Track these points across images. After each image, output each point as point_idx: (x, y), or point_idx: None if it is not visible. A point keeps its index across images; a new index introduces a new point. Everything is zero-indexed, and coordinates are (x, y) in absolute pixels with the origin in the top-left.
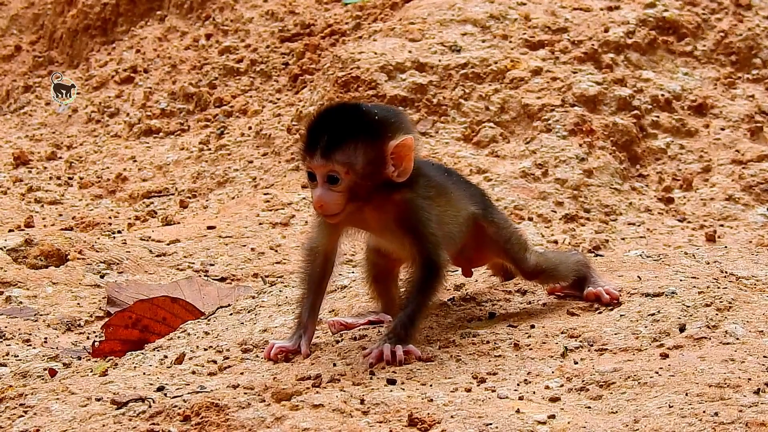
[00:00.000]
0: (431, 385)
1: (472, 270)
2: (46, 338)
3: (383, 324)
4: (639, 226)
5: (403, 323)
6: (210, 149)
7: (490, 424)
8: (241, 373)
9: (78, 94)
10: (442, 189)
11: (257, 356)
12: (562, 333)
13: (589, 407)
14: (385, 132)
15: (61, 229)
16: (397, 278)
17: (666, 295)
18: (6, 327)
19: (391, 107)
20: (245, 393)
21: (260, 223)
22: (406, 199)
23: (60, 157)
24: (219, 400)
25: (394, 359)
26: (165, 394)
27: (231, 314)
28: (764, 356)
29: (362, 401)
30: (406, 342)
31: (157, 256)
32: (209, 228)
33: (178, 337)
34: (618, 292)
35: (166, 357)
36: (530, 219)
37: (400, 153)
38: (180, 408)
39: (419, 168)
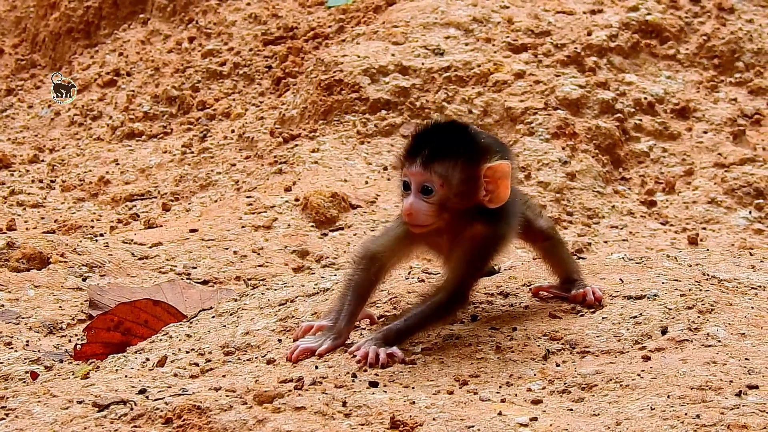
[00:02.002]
0: (413, 388)
1: None
2: (27, 341)
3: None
4: (621, 229)
5: (399, 330)
6: (193, 152)
7: (472, 426)
8: (223, 376)
9: None
10: (516, 224)
11: (239, 359)
12: (544, 335)
13: (571, 410)
14: (485, 154)
15: (43, 232)
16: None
17: (648, 298)
18: None
19: (498, 138)
20: (227, 395)
21: (243, 226)
22: (485, 235)
23: (42, 160)
24: (201, 402)
25: (377, 362)
26: (147, 397)
27: (213, 317)
28: (746, 359)
29: (344, 404)
30: (391, 345)
31: (139, 259)
32: (192, 231)
33: (160, 339)
34: (601, 293)
35: (148, 360)
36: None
37: (494, 177)
38: (162, 411)
39: (508, 204)
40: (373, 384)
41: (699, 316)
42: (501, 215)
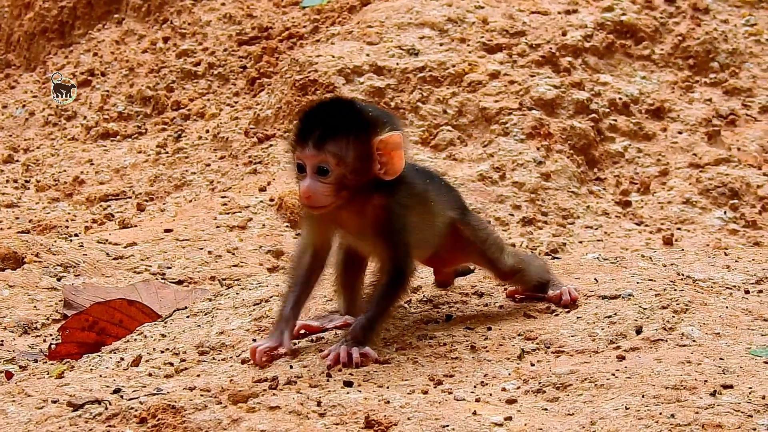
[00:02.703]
0: (388, 387)
1: (445, 271)
2: (2, 341)
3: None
4: (596, 229)
5: (363, 326)
6: (167, 152)
7: (447, 425)
8: (198, 376)
9: (34, 97)
10: (423, 196)
11: (214, 358)
12: (518, 335)
13: (546, 409)
14: (375, 128)
15: (18, 232)
16: (363, 279)
17: (623, 298)
18: None
19: (384, 109)
20: (202, 395)
21: (217, 226)
22: (384, 205)
23: (17, 160)
24: (175, 402)
25: (351, 362)
26: (121, 396)
27: (188, 317)
28: (720, 358)
29: (319, 403)
30: (363, 345)
31: (114, 259)
32: (166, 231)
33: (135, 339)
34: (577, 293)
35: (122, 359)
36: (488, 222)
37: (387, 149)
38: (136, 410)
39: (404, 174)
40: (348, 384)
41: (674, 316)
42: (400, 184)
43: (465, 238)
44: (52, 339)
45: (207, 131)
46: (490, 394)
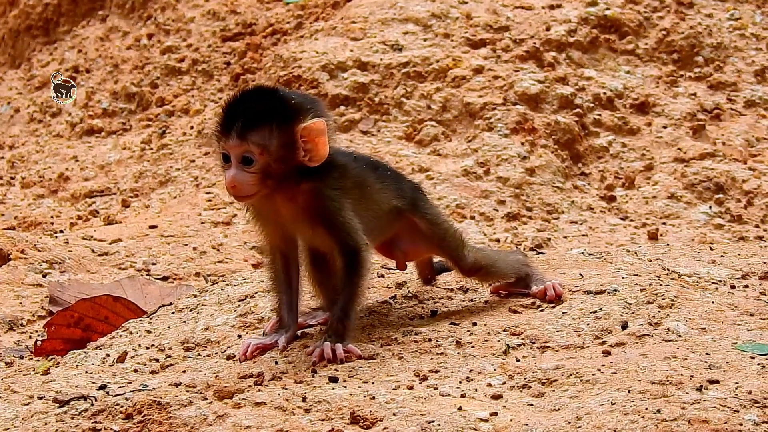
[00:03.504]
0: (373, 383)
1: (406, 263)
2: None
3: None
4: (581, 224)
5: (339, 318)
6: (152, 149)
7: (432, 421)
8: (183, 372)
9: (19, 94)
10: (358, 181)
11: (199, 354)
12: (504, 330)
13: (532, 404)
14: (298, 115)
15: (3, 229)
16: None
17: (608, 293)
18: None
19: (308, 95)
20: (187, 391)
21: (202, 222)
22: (313, 189)
23: (2, 157)
24: (161, 398)
25: (335, 357)
26: (107, 393)
27: (173, 313)
28: (706, 353)
29: (304, 399)
30: (344, 337)
31: (99, 255)
32: (151, 227)
33: (120, 335)
34: (562, 288)
35: (108, 356)
36: (472, 218)
37: (311, 136)
38: (122, 406)
39: (334, 159)
40: (333, 379)
41: (659, 311)
42: (331, 169)
43: (421, 232)
44: (38, 335)
45: (191, 127)
46: (476, 390)
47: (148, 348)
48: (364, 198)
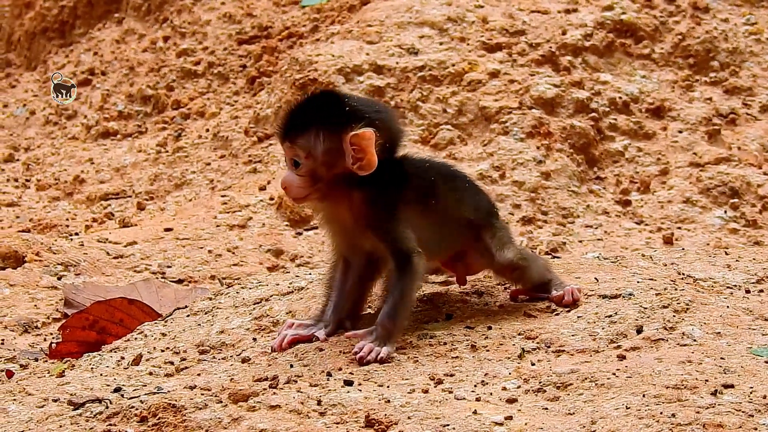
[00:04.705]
0: (388, 386)
1: (467, 278)
2: (3, 340)
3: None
4: (596, 228)
5: (388, 316)
6: (167, 151)
7: (447, 425)
8: (198, 374)
9: (35, 96)
10: (425, 192)
11: (214, 357)
12: (519, 334)
13: (546, 408)
14: (350, 122)
15: (19, 231)
16: (367, 287)
17: (623, 297)
18: None
19: (378, 103)
20: (202, 394)
21: (217, 225)
22: (365, 198)
23: (17, 159)
24: (176, 401)
25: (376, 359)
26: (122, 395)
27: (188, 316)
28: (721, 358)
29: (319, 402)
30: (390, 338)
31: (114, 258)
32: (166, 230)
33: (135, 338)
34: (579, 293)
35: (123, 358)
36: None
37: (360, 145)
38: (137, 409)
39: (403, 170)
40: (348, 383)
41: (674, 315)
42: (387, 178)
43: (484, 243)
44: (53, 338)
45: (207, 130)
46: (491, 394)
47: (163, 351)
48: (429, 209)
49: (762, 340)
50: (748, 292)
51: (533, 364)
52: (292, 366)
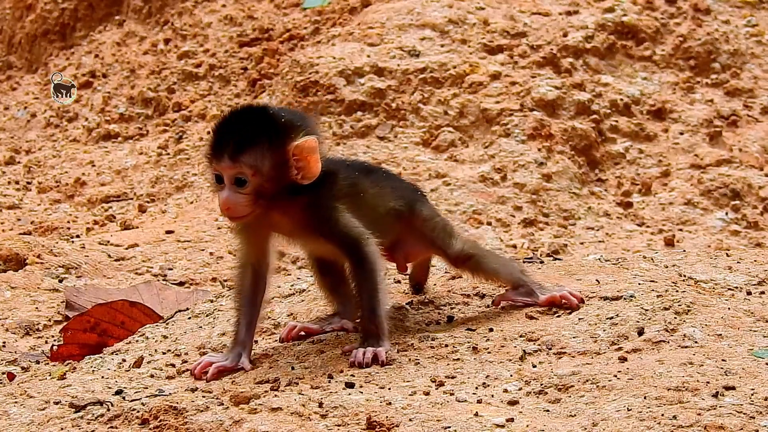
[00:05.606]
0: (390, 389)
1: (407, 265)
2: (4, 342)
3: (346, 330)
4: (598, 230)
5: (368, 319)
6: (168, 154)
7: (449, 427)
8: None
9: (36, 99)
10: (353, 188)
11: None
12: (520, 336)
13: (548, 410)
14: (289, 134)
15: (20, 234)
16: (345, 276)
17: (624, 299)
18: None
19: (297, 111)
20: (203, 396)
21: (219, 228)
22: (308, 203)
23: (18, 162)
24: (177, 403)
25: (377, 361)
26: (123, 398)
27: (189, 318)
28: (722, 360)
29: (321, 404)
30: (380, 337)
31: (115, 260)
32: (168, 232)
33: (137, 340)
34: (573, 298)
35: (124, 361)
36: (489, 223)
37: (303, 155)
38: (138, 411)
39: (328, 171)
40: (350, 385)
41: (676, 317)
42: (325, 181)
43: (416, 230)
44: (54, 340)
45: (208, 132)
46: (492, 396)
47: (164, 353)
48: (358, 204)
49: (763, 342)
50: (749, 293)
51: (534, 366)
52: (293, 368)
